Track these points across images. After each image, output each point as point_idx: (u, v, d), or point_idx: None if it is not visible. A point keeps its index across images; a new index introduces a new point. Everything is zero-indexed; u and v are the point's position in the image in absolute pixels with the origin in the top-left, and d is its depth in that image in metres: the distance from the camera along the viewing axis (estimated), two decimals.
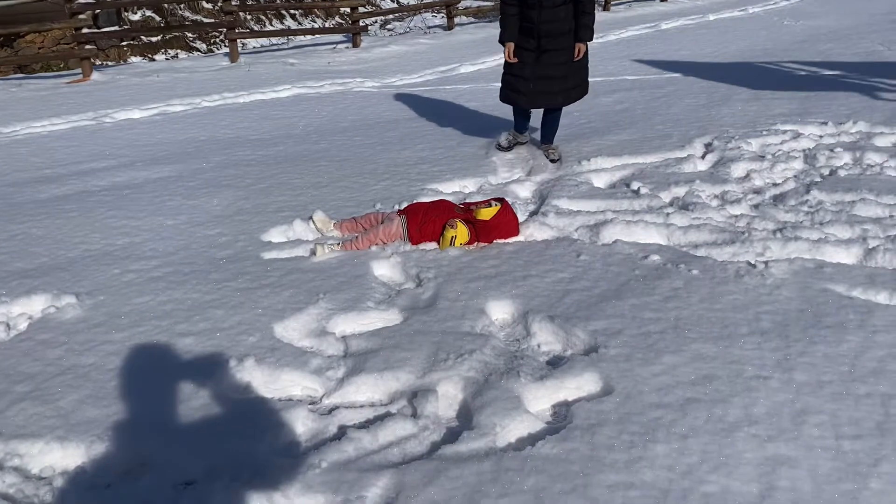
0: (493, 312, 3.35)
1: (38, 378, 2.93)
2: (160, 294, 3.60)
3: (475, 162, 5.66)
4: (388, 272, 3.87)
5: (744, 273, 3.51)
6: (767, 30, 13.18)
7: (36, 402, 2.76)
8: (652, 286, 3.42)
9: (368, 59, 12.03)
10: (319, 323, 3.30)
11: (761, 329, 3.02)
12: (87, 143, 7.11)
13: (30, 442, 2.54)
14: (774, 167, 5.18)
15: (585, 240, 4.06)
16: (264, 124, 7.67)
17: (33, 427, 2.62)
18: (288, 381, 2.88)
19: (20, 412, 2.71)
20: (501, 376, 2.78)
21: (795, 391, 2.59)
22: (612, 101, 7.80)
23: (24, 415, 2.69)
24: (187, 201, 5.03)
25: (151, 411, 2.69)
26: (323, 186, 5.25)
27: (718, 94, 7.82)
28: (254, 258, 4.02)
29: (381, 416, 2.66)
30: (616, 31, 13.67)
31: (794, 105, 7.01)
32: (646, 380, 2.70)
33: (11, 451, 2.52)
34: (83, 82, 10.55)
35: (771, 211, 4.35)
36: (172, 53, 16.95)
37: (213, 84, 10.03)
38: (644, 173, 5.14)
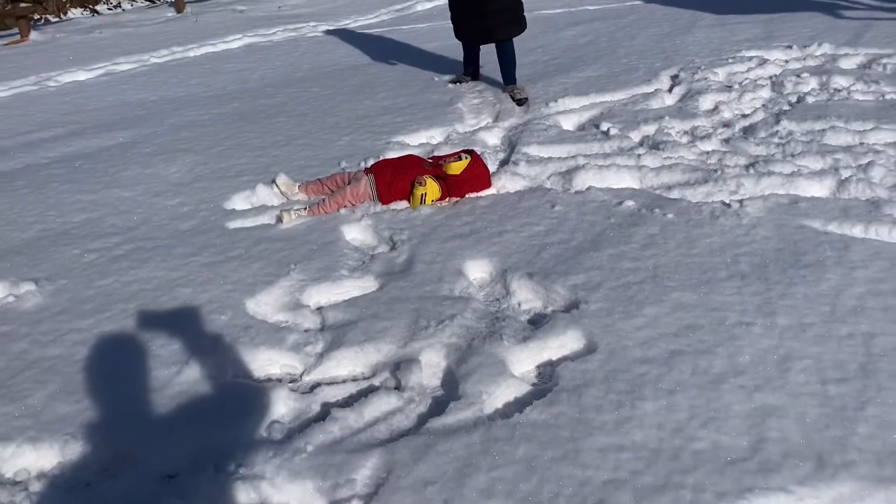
0: (471, 272, 3.28)
1: (2, 374, 2.81)
2: (124, 274, 3.47)
3: (440, 109, 5.51)
4: (359, 236, 3.77)
5: (719, 214, 3.48)
6: None
7: (3, 402, 2.65)
8: (628, 234, 3.38)
9: (321, 1, 11.61)
10: (293, 296, 3.21)
11: (740, 272, 3.00)
12: (31, 111, 6.78)
13: (0, 445, 2.44)
14: (742, 97, 5.12)
15: (558, 188, 3.99)
16: (217, 79, 7.38)
17: (2, 429, 2.51)
18: (265, 360, 2.80)
19: None
20: (484, 340, 2.73)
21: (779, 336, 2.59)
22: (575, 34, 7.63)
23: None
24: (144, 170, 4.83)
25: (126, 403, 2.60)
26: (283, 145, 5.08)
27: (681, 21, 7.69)
28: (218, 229, 3.88)
29: (365, 390, 2.60)
30: None
31: (758, 29, 6.91)
32: (629, 334, 2.67)
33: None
34: (21, 43, 10.04)
35: (742, 145, 4.30)
36: (115, 2, 16.19)
37: (160, 38, 9.61)
38: (612, 112, 5.05)
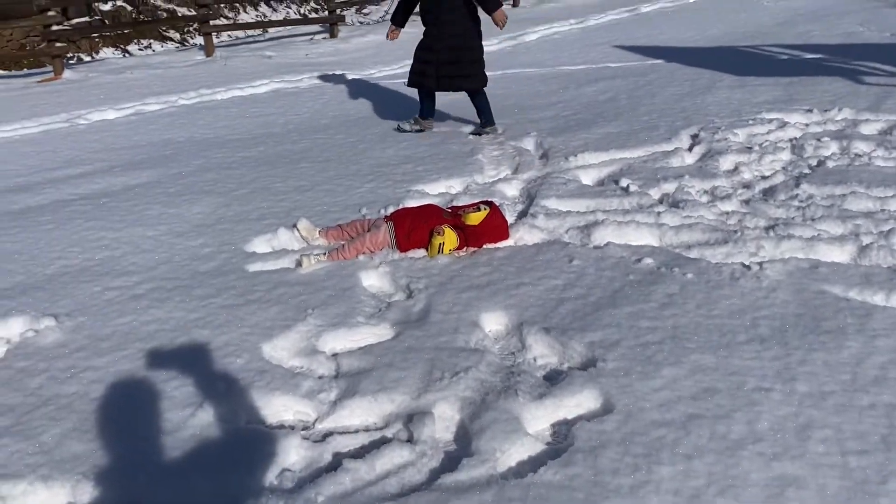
0: (487, 324, 3.28)
1: (18, 410, 2.82)
2: (143, 313, 3.50)
3: (461, 160, 5.57)
4: (377, 283, 3.78)
5: (739, 275, 3.47)
6: (747, 11, 13.16)
7: (17, 438, 2.65)
8: (647, 292, 3.37)
9: (347, 50, 11.86)
10: (309, 341, 3.21)
11: (760, 336, 2.98)
12: (61, 148, 6.94)
13: (11, 483, 2.43)
14: (762, 159, 5.14)
15: (577, 242, 4.00)
16: (243, 123, 7.52)
17: (15, 466, 2.51)
18: (279, 406, 2.79)
19: (1, 448, 2.61)
20: (499, 395, 2.71)
21: (798, 403, 2.55)
22: (596, 90, 7.73)
23: (5, 452, 2.58)
24: (167, 209, 4.90)
25: (139, 445, 2.59)
26: (306, 190, 5.14)
27: (702, 81, 7.77)
28: (238, 271, 3.91)
29: (377, 441, 2.58)
30: (596, 16, 13.59)
31: (778, 92, 6.97)
32: (646, 395, 2.65)
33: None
34: (55, 81, 10.31)
35: (762, 207, 4.31)
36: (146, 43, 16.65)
37: (189, 80, 9.83)
38: (632, 168, 5.08)
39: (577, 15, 13.74)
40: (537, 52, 10.66)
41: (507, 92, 8.05)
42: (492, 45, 11.47)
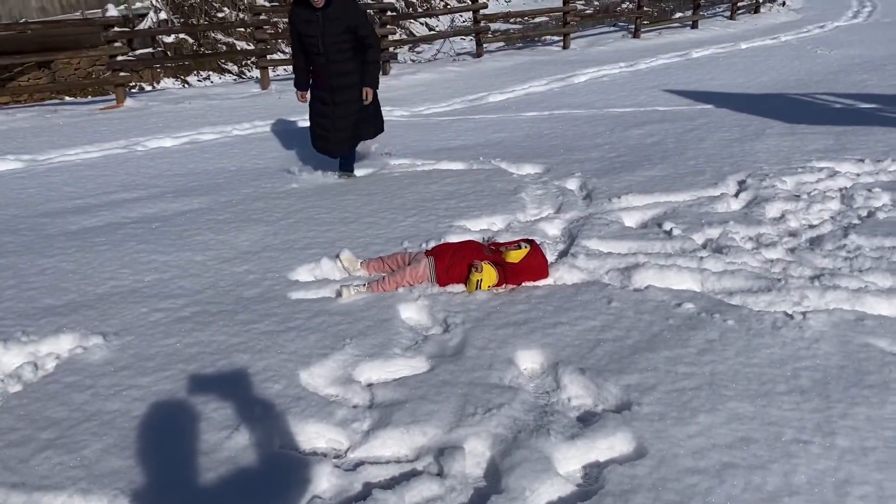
0: (522, 362, 3.28)
1: (63, 424, 2.91)
2: (187, 336, 3.59)
3: (503, 198, 5.62)
4: (415, 315, 3.82)
5: (781, 325, 3.41)
6: (800, 59, 13.05)
7: (60, 451, 2.74)
8: (686, 337, 3.34)
9: (397, 87, 12.09)
10: (345, 370, 3.26)
11: (800, 387, 2.92)
12: (118, 173, 7.20)
13: (52, 494, 2.51)
14: (810, 208, 5.06)
15: (616, 284, 3.99)
16: (293, 154, 7.70)
17: (57, 478, 2.59)
18: (313, 433, 2.83)
19: (44, 461, 2.69)
20: (531, 434, 2.70)
21: (838, 458, 2.49)
22: (643, 133, 7.73)
23: (48, 464, 2.67)
24: (216, 236, 5.04)
25: (175, 464, 2.65)
26: (350, 222, 5.24)
27: (752, 127, 7.71)
28: (281, 298, 4.00)
29: (407, 473, 2.59)
30: (646, 60, 13.63)
31: (829, 140, 6.88)
32: (680, 441, 2.61)
33: (34, 503, 2.49)
34: (116, 109, 10.73)
35: (808, 256, 4.24)
36: (205, 75, 17.23)
37: (244, 111, 10.14)
38: (676, 213, 5.05)
39: (626, 59, 13.81)
40: (585, 93, 10.72)
41: (554, 132, 8.11)
42: (540, 85, 11.62)
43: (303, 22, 5.80)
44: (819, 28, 18.02)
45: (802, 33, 17.13)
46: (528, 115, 9.31)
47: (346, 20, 5.76)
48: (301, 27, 5.83)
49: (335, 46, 5.83)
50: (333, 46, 5.83)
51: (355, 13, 5.83)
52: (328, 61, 5.87)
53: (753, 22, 19.45)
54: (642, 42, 16.28)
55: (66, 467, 2.64)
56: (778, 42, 15.75)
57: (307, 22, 5.78)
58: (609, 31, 18.93)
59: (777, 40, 16.00)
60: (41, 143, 8.53)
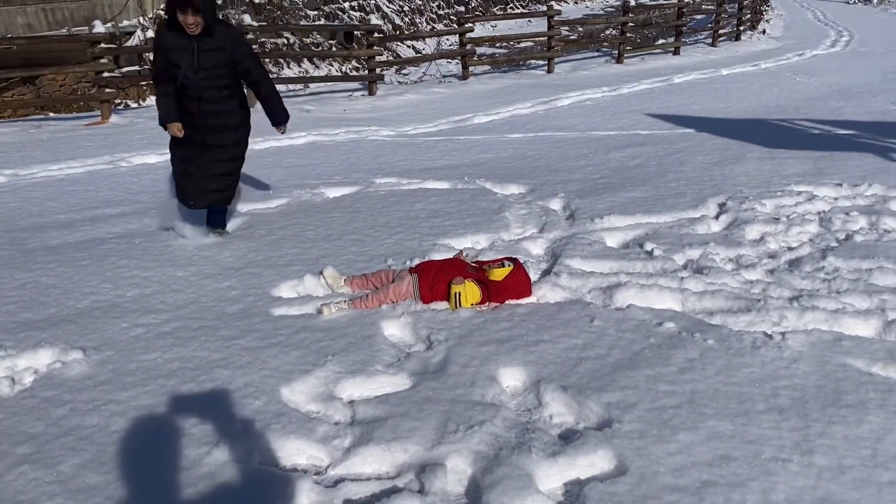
0: (505, 379, 3.29)
1: (39, 439, 2.88)
2: (167, 351, 3.57)
3: (488, 217, 5.65)
4: (398, 332, 3.82)
5: (760, 344, 3.45)
6: (779, 86, 13.27)
7: (36, 466, 2.70)
8: (667, 356, 3.36)
9: (384, 108, 12.16)
10: (327, 386, 3.25)
11: (779, 406, 2.95)
12: (102, 188, 7.17)
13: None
14: (789, 230, 5.14)
15: (598, 303, 4.02)
16: (278, 172, 7.71)
17: (32, 493, 2.56)
18: (293, 450, 2.82)
19: (20, 476, 2.66)
20: (512, 451, 2.71)
21: (816, 476, 2.51)
22: (625, 156, 7.82)
23: (23, 479, 2.64)
24: (199, 252, 5.02)
25: (153, 480, 2.63)
26: (335, 239, 5.24)
27: (732, 151, 7.83)
28: (263, 314, 3.98)
29: (388, 490, 2.58)
30: (629, 85, 13.80)
31: (808, 165, 6.99)
32: (661, 459, 2.62)
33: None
34: (102, 125, 10.69)
35: (787, 277, 4.29)
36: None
37: None
38: (658, 233, 5.11)
39: (610, 83, 13.98)
40: (569, 116, 10.83)
41: (538, 154, 8.18)
42: (525, 108, 11.73)
43: (174, 50, 4.79)
44: (798, 56, 18.35)
45: (782, 61, 17.44)
46: (512, 136, 9.39)
47: (227, 52, 4.85)
48: (172, 56, 4.80)
49: (211, 82, 4.88)
50: (209, 81, 4.87)
51: (239, 44, 4.95)
52: (201, 98, 4.90)
53: (734, 49, 19.78)
54: (625, 67, 16.50)
55: (42, 482, 2.61)
56: (758, 69, 16.01)
57: (179, 50, 4.78)
58: (593, 56, 19.18)
59: (757, 67, 16.27)
60: (24, 158, 8.47)
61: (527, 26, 26.11)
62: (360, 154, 8.64)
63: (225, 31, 4.91)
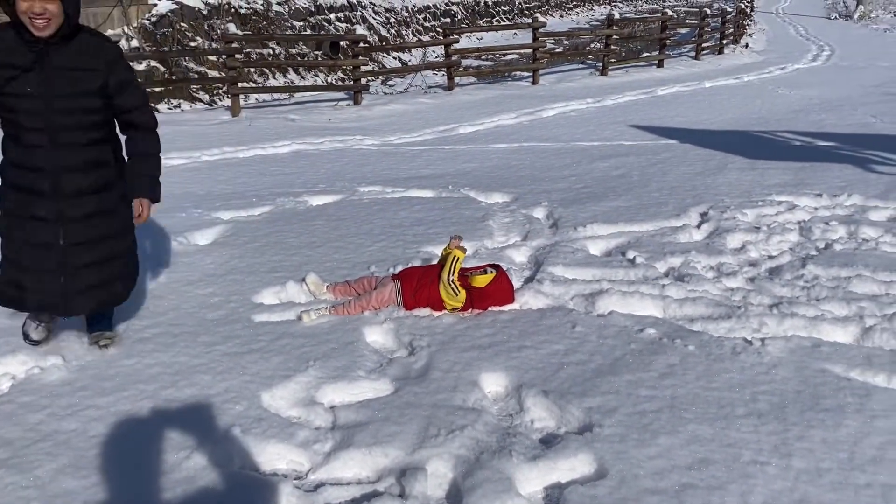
0: (487, 385, 3.29)
1: (16, 444, 2.84)
2: (147, 356, 3.54)
3: (471, 225, 5.66)
4: (380, 338, 3.82)
5: (740, 350, 3.48)
6: (762, 98, 13.43)
7: (12, 471, 2.67)
8: (648, 361, 3.38)
9: (369, 117, 12.17)
10: (308, 392, 3.24)
11: (758, 410, 2.97)
12: None
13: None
14: (770, 239, 5.19)
15: (581, 310, 4.03)
16: (262, 180, 7.69)
17: (8, 498, 2.53)
18: (273, 454, 2.80)
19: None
20: (493, 455, 2.71)
21: (794, 479, 2.53)
22: (609, 166, 7.87)
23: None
24: (181, 258, 4.99)
25: (132, 484, 2.60)
26: (318, 246, 5.23)
27: (714, 161, 7.90)
28: (244, 320, 3.96)
29: (368, 494, 2.58)
30: (613, 96, 13.90)
31: (788, 176, 7.07)
32: (641, 462, 2.64)
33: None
34: None
35: (767, 285, 4.33)
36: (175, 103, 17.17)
37: (213, 138, 10.10)
38: (640, 242, 5.14)
39: (594, 95, 14.08)
40: (553, 127, 10.89)
41: (522, 163, 8.21)
42: (510, 118, 11.79)
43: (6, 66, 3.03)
44: (780, 69, 18.58)
45: (764, 74, 17.65)
46: (497, 146, 9.42)
47: (95, 73, 3.16)
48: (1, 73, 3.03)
49: (69, 117, 3.13)
50: (65, 117, 3.12)
51: (113, 62, 3.25)
52: (54, 143, 3.14)
53: (717, 62, 20.00)
54: (609, 79, 16.63)
55: (18, 487, 2.58)
56: (741, 82, 16.20)
57: (13, 69, 3.02)
58: (577, 68, 19.31)
59: (740, 80, 16.46)
60: None
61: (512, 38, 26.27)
62: (344, 163, 8.64)
63: (98, 43, 3.23)
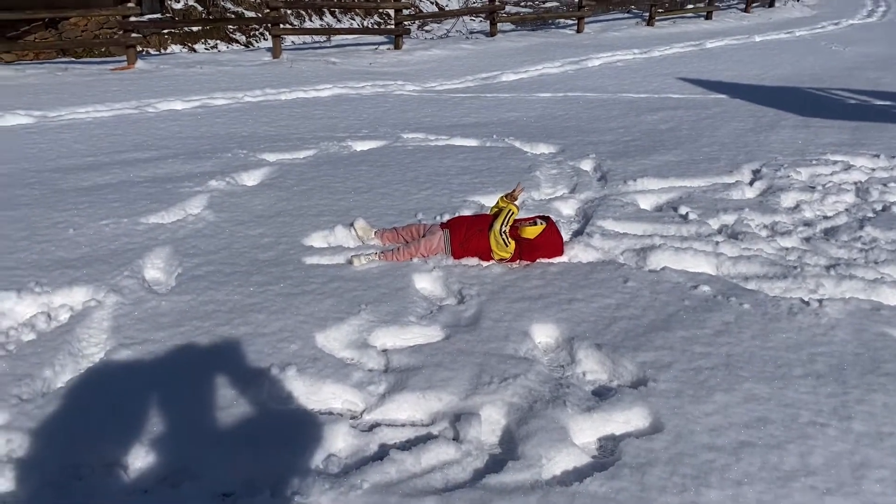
0: (537, 335, 3.28)
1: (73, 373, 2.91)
2: (202, 294, 3.58)
3: (518, 176, 5.59)
4: (429, 286, 3.81)
5: (797, 311, 3.41)
6: (814, 54, 12.98)
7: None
8: (702, 318, 3.34)
9: (409, 62, 12.02)
10: (361, 335, 3.26)
11: (816, 372, 2.92)
12: (129, 133, 7.16)
13: None
14: (825, 199, 5.06)
15: (632, 265, 3.98)
16: (305, 123, 7.67)
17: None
18: (329, 394, 2.84)
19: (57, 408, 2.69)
20: (546, 405, 2.71)
21: (854, 442, 2.50)
22: (657, 119, 7.69)
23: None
24: (229, 199, 5.02)
25: (191, 416, 2.65)
26: (364, 192, 5.22)
27: (766, 118, 7.68)
28: (295, 262, 3.98)
29: (423, 437, 2.60)
30: (660, 48, 13.54)
31: (844, 135, 6.86)
32: (697, 419, 2.62)
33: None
34: (128, 70, 10.65)
35: (823, 245, 4.23)
36: (212, 44, 17.08)
37: (255, 79, 10.07)
38: (692, 197, 5.04)
39: (640, 45, 13.72)
40: (599, 77, 10.66)
41: (567, 114, 8.07)
42: (554, 67, 11.56)
43: None
44: (833, 25, 17.90)
45: (817, 29, 17.03)
46: (541, 95, 9.26)
47: None
48: None
49: None
50: None
51: None
52: None
53: (768, 16, 19.32)
54: (656, 30, 16.17)
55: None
56: (792, 37, 15.66)
57: None
58: (623, 17, 18.79)
59: (791, 35, 15.91)
60: (52, 100, 8.47)
61: None
62: (386, 108, 8.57)
63: None
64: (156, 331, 3.23)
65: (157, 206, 4.84)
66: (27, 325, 3.29)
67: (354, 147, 6.62)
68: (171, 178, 5.52)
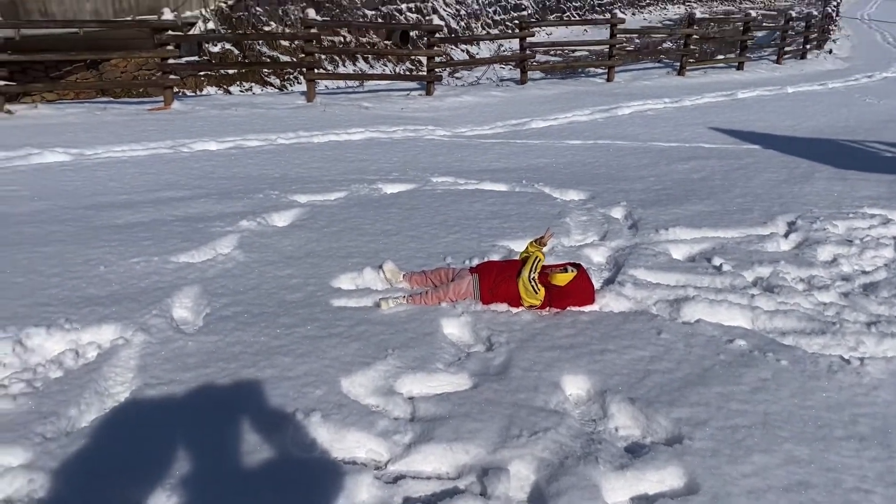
0: (568, 387, 3.20)
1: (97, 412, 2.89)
2: (229, 334, 3.56)
3: (547, 221, 5.55)
4: (457, 332, 3.76)
5: (837, 369, 3.30)
6: (848, 107, 12.89)
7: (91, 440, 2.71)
8: (738, 374, 3.24)
9: (440, 108, 12.13)
10: (387, 381, 3.20)
11: (859, 434, 2.81)
12: (163, 172, 7.26)
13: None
14: (863, 253, 4.94)
15: (665, 316, 3.90)
16: (337, 165, 7.73)
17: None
18: (353, 442, 2.78)
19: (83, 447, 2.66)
20: (578, 461, 2.62)
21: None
22: (689, 168, 7.64)
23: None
24: (259, 239, 5.03)
25: (214, 460, 2.61)
26: (393, 234, 5.21)
27: (800, 169, 7.59)
28: (323, 304, 3.96)
29: (449, 491, 2.52)
30: (691, 97, 13.54)
31: (881, 188, 6.74)
32: (735, 480, 2.51)
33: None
34: (164, 110, 10.88)
35: (862, 301, 4.12)
36: (247, 86, 17.44)
37: (289, 121, 10.22)
38: (725, 248, 4.95)
39: (671, 95, 13.74)
40: (629, 125, 10.66)
41: (598, 161, 8.05)
42: (583, 115, 11.59)
43: None
44: (867, 77, 17.81)
45: (850, 81, 16.95)
46: (571, 142, 9.27)
47: None
48: None
49: None
50: None
51: None
52: None
53: (800, 67, 19.30)
54: (687, 80, 16.20)
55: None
56: (825, 88, 15.59)
57: None
58: (653, 67, 18.88)
59: (824, 86, 15.84)
60: (89, 139, 8.64)
61: (582, 35, 25.88)
62: (416, 152, 8.62)
63: None
64: (182, 371, 3.21)
65: (187, 244, 4.87)
66: (55, 361, 3.29)
67: (385, 190, 6.64)
68: (203, 217, 5.57)
